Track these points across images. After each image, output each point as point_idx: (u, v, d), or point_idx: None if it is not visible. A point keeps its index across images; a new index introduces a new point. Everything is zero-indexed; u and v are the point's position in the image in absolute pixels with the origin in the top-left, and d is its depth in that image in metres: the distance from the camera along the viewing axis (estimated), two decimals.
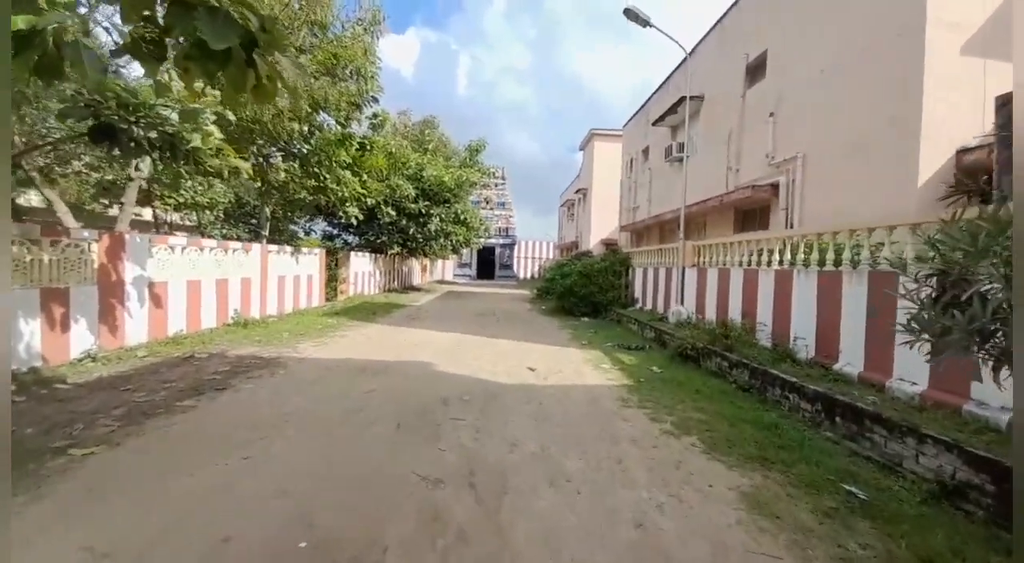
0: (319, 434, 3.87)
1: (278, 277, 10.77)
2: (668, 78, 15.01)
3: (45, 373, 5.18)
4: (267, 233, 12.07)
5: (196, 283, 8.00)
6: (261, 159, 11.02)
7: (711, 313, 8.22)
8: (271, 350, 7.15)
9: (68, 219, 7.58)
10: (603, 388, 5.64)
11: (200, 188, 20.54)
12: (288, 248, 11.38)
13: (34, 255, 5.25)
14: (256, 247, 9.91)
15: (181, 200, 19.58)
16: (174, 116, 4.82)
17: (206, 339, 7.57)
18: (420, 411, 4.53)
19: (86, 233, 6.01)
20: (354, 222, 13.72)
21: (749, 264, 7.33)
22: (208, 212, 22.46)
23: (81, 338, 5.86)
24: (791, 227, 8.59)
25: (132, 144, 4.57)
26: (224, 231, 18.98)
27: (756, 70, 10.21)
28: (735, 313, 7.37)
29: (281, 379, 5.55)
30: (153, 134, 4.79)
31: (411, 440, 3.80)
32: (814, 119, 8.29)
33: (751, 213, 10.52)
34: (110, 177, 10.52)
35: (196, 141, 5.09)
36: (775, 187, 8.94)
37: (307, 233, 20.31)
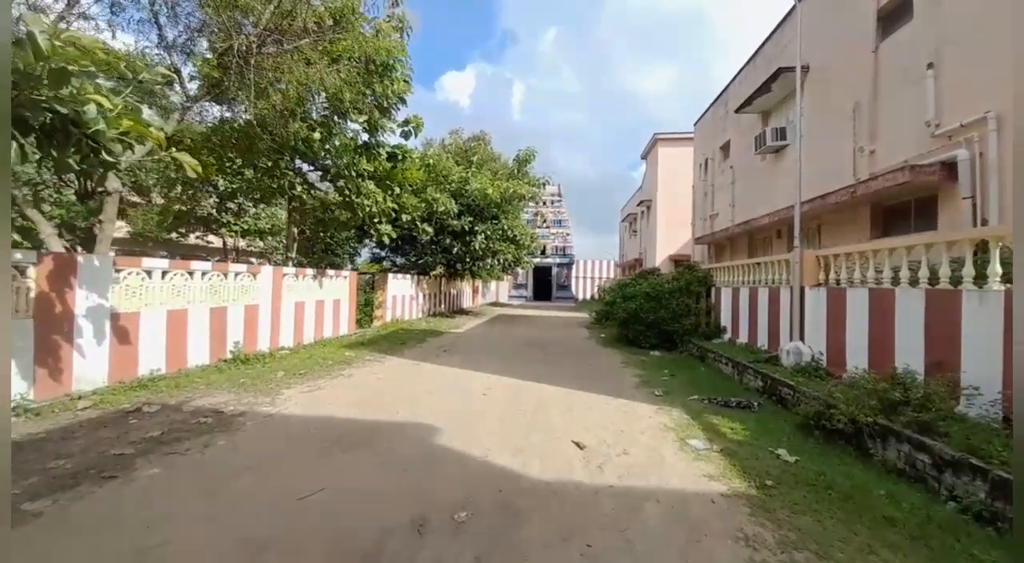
0: None
1: (295, 303, 9.53)
2: (755, 54, 12.31)
3: None
4: (293, 254, 11.03)
5: (181, 313, 6.79)
6: (287, 175, 10.05)
7: (857, 357, 5.47)
8: (246, 399, 5.60)
9: (53, 242, 6.74)
10: (702, 500, 3.27)
11: (263, 215, 20.95)
12: (309, 271, 10.17)
13: None
14: (266, 270, 8.72)
15: (245, 227, 19.97)
16: (65, 90, 3.45)
17: (183, 382, 6.23)
18: (364, 558, 2.51)
19: (19, 255, 4.87)
20: (386, 241, 12.38)
21: (933, 282, 4.60)
22: (270, 238, 22.90)
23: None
24: (983, 224, 5.65)
25: None
26: (286, 256, 19.04)
27: (896, 12, 7.42)
28: (910, 359, 4.62)
29: (210, 458, 3.84)
30: (52, 117, 3.46)
31: None
32: (1012, 56, 5.41)
33: (899, 209, 7.52)
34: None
35: (99, 124, 3.67)
36: (949, 167, 6.04)
37: (351, 256, 19.69)
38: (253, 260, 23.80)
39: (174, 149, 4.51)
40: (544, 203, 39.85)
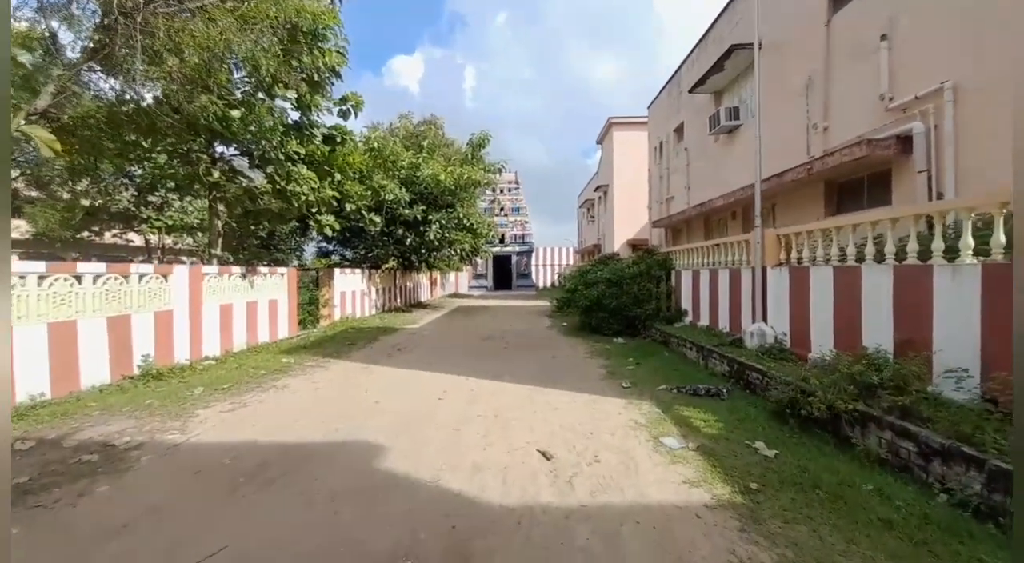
0: None
1: (220, 306, 8.41)
2: (706, 33, 12.15)
3: None
4: (218, 250, 9.79)
5: (67, 326, 5.65)
6: (202, 159, 8.79)
7: (822, 338, 5.32)
8: (148, 426, 4.67)
9: None
10: (686, 515, 2.87)
11: (191, 208, 18.80)
12: (236, 269, 9.04)
13: None
14: (181, 270, 7.58)
15: (169, 222, 17.83)
16: None
17: (72, 409, 5.16)
18: None
19: None
20: (329, 233, 11.35)
21: (900, 258, 4.44)
22: (200, 234, 20.70)
23: None
24: (939, 198, 5.63)
25: None
26: (209, 253, 17.25)
27: None
28: (879, 338, 4.47)
29: (82, 511, 3.00)
30: None
31: None
32: (969, 25, 5.35)
33: (853, 185, 7.52)
34: None
35: None
36: (904, 140, 5.99)
37: (295, 250, 18.24)
38: (184, 258, 21.59)
39: (23, 121, 3.52)
40: (501, 190, 39.19)
